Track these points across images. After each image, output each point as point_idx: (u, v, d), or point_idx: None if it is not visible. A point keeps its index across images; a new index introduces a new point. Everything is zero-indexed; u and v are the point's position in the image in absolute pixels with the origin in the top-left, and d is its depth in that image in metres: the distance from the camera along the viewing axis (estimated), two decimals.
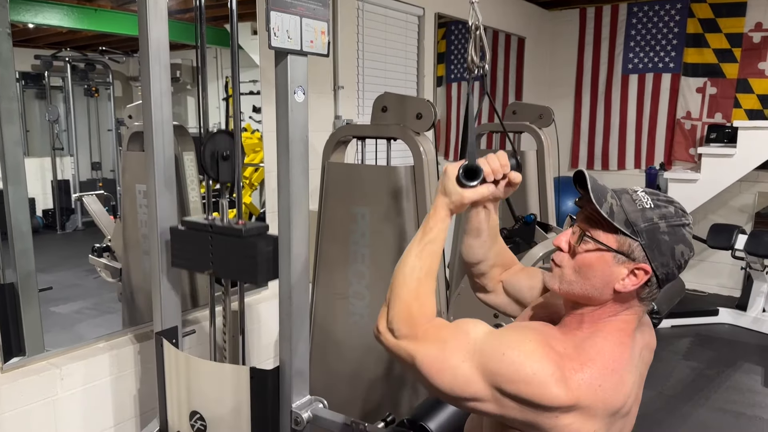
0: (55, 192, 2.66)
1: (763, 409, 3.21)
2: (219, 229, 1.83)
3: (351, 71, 3.50)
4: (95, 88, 2.75)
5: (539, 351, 1.02)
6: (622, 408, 1.05)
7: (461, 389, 1.03)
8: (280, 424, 1.77)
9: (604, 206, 1.04)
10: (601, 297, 1.07)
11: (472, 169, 1.17)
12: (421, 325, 1.11)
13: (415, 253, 1.18)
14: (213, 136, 1.87)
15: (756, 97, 4.83)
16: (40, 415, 2.08)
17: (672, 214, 1.05)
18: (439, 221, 1.19)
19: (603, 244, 1.05)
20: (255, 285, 1.78)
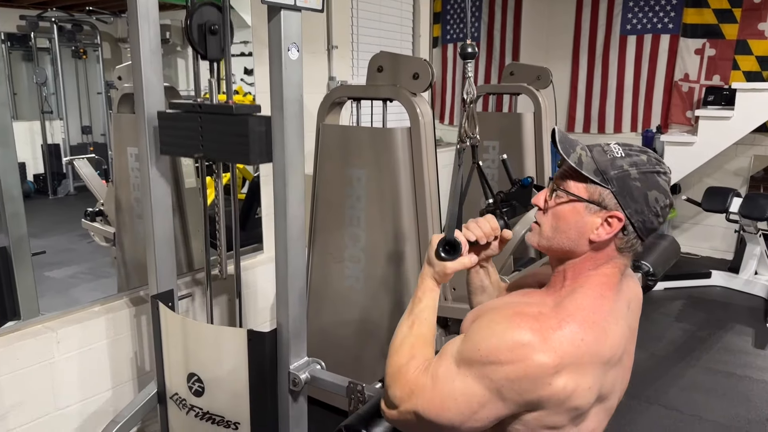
0: (46, 156, 2.62)
1: (753, 369, 3.26)
2: (208, 109, 1.74)
3: (345, 30, 3.43)
4: (83, 49, 2.68)
5: (509, 326, 1.01)
6: (610, 358, 1.05)
7: (467, 406, 1.02)
8: (278, 385, 1.78)
9: (572, 156, 1.05)
10: (578, 249, 1.07)
11: (451, 243, 1.19)
12: (410, 376, 1.10)
13: (407, 325, 1.18)
14: (200, 8, 1.74)
15: (755, 58, 4.77)
16: (38, 378, 2.08)
17: (644, 162, 1.05)
18: (427, 291, 1.20)
19: (574, 195, 1.06)
20: (248, 164, 1.67)
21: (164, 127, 1.84)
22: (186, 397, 1.90)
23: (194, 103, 1.76)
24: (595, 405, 1.08)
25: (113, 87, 2.66)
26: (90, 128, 2.77)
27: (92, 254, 2.75)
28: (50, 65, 2.58)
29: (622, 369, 1.15)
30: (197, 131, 1.75)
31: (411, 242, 2.44)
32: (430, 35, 4.16)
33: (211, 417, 1.85)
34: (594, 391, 1.03)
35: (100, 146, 2.76)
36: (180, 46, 2.83)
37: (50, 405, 2.14)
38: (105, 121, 2.80)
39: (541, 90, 3.60)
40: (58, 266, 2.58)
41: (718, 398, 2.96)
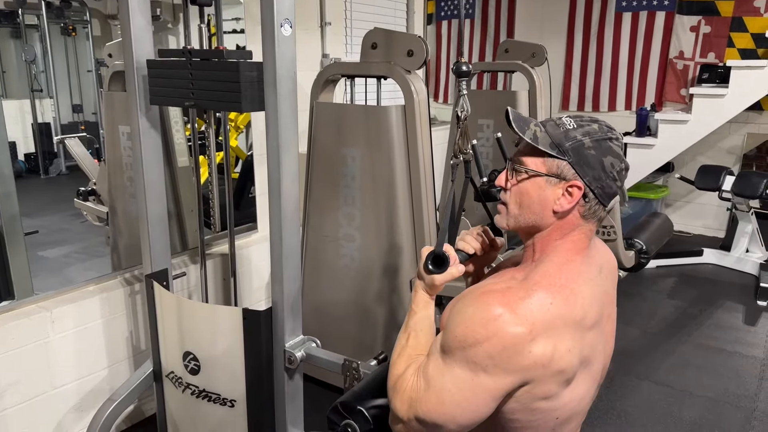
0: (36, 135, 2.60)
1: (742, 345, 3.31)
2: (198, 55, 1.69)
3: (338, 6, 3.39)
4: (72, 26, 2.64)
5: (479, 307, 1.03)
6: (583, 318, 1.07)
7: (464, 397, 1.04)
8: (274, 363, 1.79)
9: (527, 133, 1.08)
10: (543, 221, 1.10)
11: (438, 257, 1.20)
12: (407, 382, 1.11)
13: (405, 338, 1.20)
14: None
15: (750, 36, 4.75)
16: (33, 358, 2.09)
17: (596, 131, 1.08)
18: (420, 302, 1.23)
19: (533, 171, 1.09)
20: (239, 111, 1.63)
21: (153, 76, 1.80)
22: (182, 375, 1.91)
23: (184, 50, 1.72)
24: (581, 370, 1.10)
25: (103, 65, 2.62)
26: (81, 107, 2.75)
27: (85, 233, 2.74)
28: (39, 42, 2.54)
29: (603, 333, 1.17)
30: (187, 79, 1.71)
31: (405, 220, 2.44)
32: (424, 12, 4.12)
33: (207, 395, 1.86)
34: (575, 353, 1.05)
35: (92, 125, 2.73)
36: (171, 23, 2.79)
37: (47, 384, 2.15)
38: (96, 99, 2.77)
39: (536, 68, 3.58)
40: (51, 246, 2.57)
41: (709, 374, 3.00)
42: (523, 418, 1.09)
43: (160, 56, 1.81)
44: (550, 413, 1.09)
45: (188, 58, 1.70)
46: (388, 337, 2.56)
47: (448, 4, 5.41)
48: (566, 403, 1.10)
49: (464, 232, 1.30)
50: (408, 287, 2.48)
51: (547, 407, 1.08)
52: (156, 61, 1.80)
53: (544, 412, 1.09)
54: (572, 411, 1.12)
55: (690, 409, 2.70)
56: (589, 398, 1.18)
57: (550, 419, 1.10)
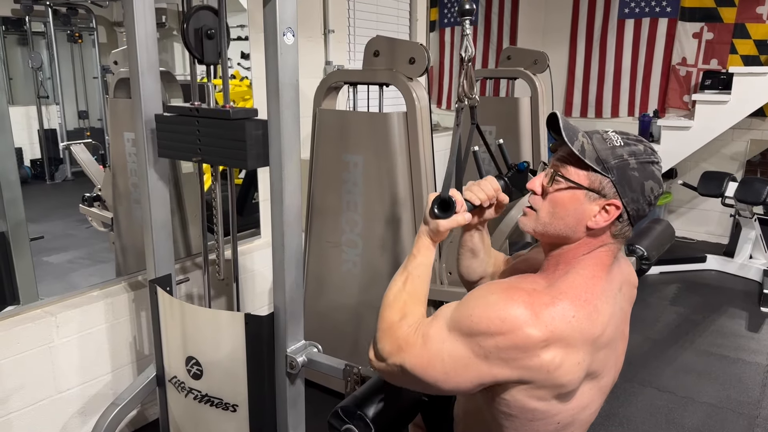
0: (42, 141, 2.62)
1: (746, 352, 3.30)
2: (205, 113, 1.74)
3: (341, 14, 3.41)
4: (78, 33, 2.67)
5: (503, 298, 1.04)
6: (600, 336, 1.07)
7: (452, 368, 1.05)
8: (276, 368, 1.80)
9: (575, 144, 1.06)
10: (574, 235, 1.09)
11: (444, 201, 1.19)
12: (401, 334, 1.12)
13: (401, 280, 1.20)
14: (196, 11, 1.74)
15: (753, 42, 4.76)
16: (37, 362, 2.10)
17: (641, 152, 1.07)
18: (422, 248, 1.22)
19: (574, 182, 1.07)
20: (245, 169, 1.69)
21: (162, 130, 1.85)
22: (185, 380, 1.92)
23: (191, 107, 1.77)
24: (586, 382, 1.10)
25: (109, 71, 2.65)
26: (86, 113, 2.77)
27: (90, 239, 2.76)
28: (45, 49, 2.57)
29: (615, 351, 1.17)
30: (195, 135, 1.76)
31: (407, 227, 2.45)
32: (427, 19, 4.14)
33: (209, 399, 1.88)
34: (583, 366, 1.05)
35: (97, 131, 2.75)
36: (176, 30, 2.81)
37: (51, 388, 2.16)
38: (101, 105, 2.80)
39: (538, 74, 3.60)
40: (56, 251, 2.59)
41: (711, 381, 3.00)
42: (521, 416, 1.10)
43: (168, 111, 1.84)
44: (550, 418, 1.10)
45: (195, 115, 1.75)
46: None
47: (451, 11, 5.44)
48: (568, 410, 1.10)
49: (470, 182, 1.28)
50: None
51: (545, 410, 1.08)
52: (164, 116, 1.84)
53: (544, 417, 1.09)
54: (573, 418, 1.13)
55: (692, 415, 2.70)
56: (594, 408, 1.18)
57: (550, 423, 1.11)
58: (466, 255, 1.39)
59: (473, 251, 1.38)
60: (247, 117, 1.68)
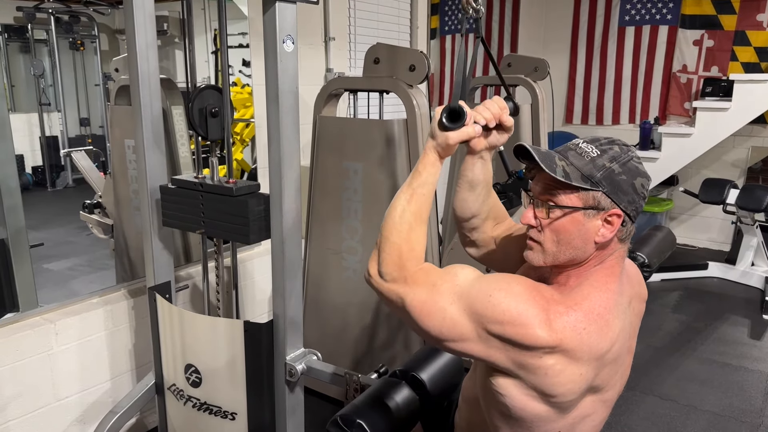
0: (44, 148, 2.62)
1: (748, 359, 3.28)
2: (209, 188, 1.80)
3: (342, 22, 3.42)
4: (80, 41, 2.68)
5: (525, 294, 1.04)
6: (608, 352, 1.07)
7: (449, 331, 1.06)
8: (275, 376, 1.79)
9: (558, 171, 1.04)
10: (584, 254, 1.09)
11: (455, 111, 1.15)
12: (410, 268, 1.12)
13: (405, 197, 1.16)
14: (201, 92, 1.82)
15: (753, 49, 4.76)
16: (36, 370, 2.10)
17: (619, 154, 1.07)
18: (428, 165, 1.17)
19: (570, 207, 1.06)
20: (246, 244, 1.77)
21: (166, 201, 1.91)
22: (183, 387, 1.92)
23: (196, 181, 1.84)
24: (589, 395, 1.10)
25: (111, 79, 2.66)
26: (88, 120, 2.77)
27: (91, 246, 2.76)
28: (48, 57, 2.58)
29: (622, 366, 1.17)
30: (198, 208, 1.82)
31: None
32: (427, 27, 4.15)
33: (208, 407, 1.87)
34: (585, 378, 1.05)
35: (98, 138, 2.76)
36: (178, 37, 2.82)
37: (50, 396, 2.16)
38: (103, 113, 2.80)
39: (539, 82, 3.60)
40: (56, 258, 2.59)
41: (713, 389, 2.98)
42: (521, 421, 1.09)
43: (174, 184, 1.90)
44: (550, 424, 1.09)
45: (199, 190, 1.82)
46: (389, 351, 2.56)
47: (452, 18, 5.46)
48: (568, 419, 1.10)
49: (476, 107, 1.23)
50: None
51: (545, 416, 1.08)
52: (169, 189, 1.90)
53: (544, 423, 1.09)
54: (573, 427, 1.12)
55: (695, 424, 2.68)
56: (598, 421, 1.17)
57: (552, 430, 1.10)
58: (464, 187, 1.33)
59: (471, 183, 1.32)
60: (249, 192, 1.75)
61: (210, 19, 2.90)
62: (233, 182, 1.80)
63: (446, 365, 1.58)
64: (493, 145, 1.27)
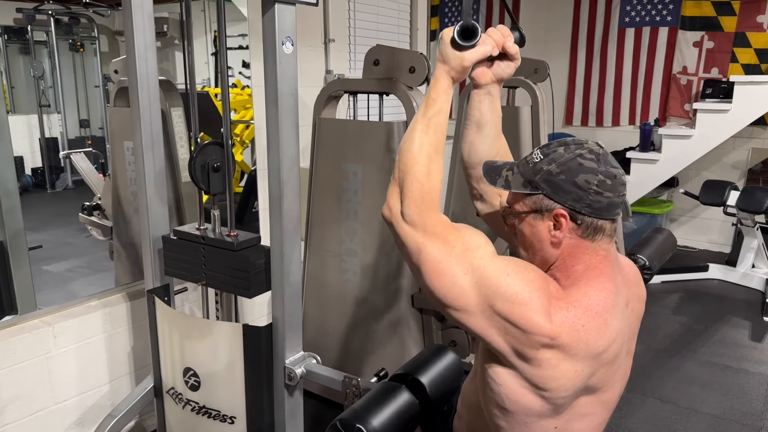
0: (44, 150, 2.62)
1: (749, 362, 3.27)
2: (211, 241, 1.84)
3: (342, 24, 3.41)
4: (80, 42, 2.67)
5: (538, 282, 1.05)
6: (605, 352, 1.07)
7: (454, 298, 1.06)
8: (274, 380, 1.78)
9: (498, 181, 1.12)
10: (548, 255, 1.11)
11: (468, 29, 1.11)
12: (430, 214, 1.11)
13: (421, 128, 1.14)
14: (203, 148, 1.85)
15: (753, 51, 4.76)
16: (35, 373, 2.09)
17: (561, 154, 1.08)
18: (441, 92, 1.15)
19: (519, 212, 1.13)
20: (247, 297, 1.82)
21: (168, 251, 1.94)
22: (182, 391, 1.91)
23: (198, 234, 1.87)
24: (585, 395, 1.10)
25: (110, 80, 2.65)
26: (88, 122, 2.77)
27: (90, 248, 2.75)
28: (47, 58, 2.57)
29: (620, 368, 1.17)
30: (200, 260, 1.87)
31: None
32: (427, 28, 4.15)
33: (207, 411, 1.86)
34: (580, 376, 1.05)
35: (98, 140, 2.76)
36: (178, 39, 2.82)
37: (48, 399, 2.15)
38: (103, 114, 2.80)
39: (539, 83, 3.59)
40: (55, 260, 2.58)
41: (714, 391, 2.97)
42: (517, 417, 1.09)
43: (176, 236, 1.94)
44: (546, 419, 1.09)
45: (201, 243, 1.86)
46: (390, 354, 2.55)
47: (451, 20, 5.45)
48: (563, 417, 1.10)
49: None
50: (410, 303, 2.47)
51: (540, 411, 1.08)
52: (171, 240, 1.94)
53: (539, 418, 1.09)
54: (569, 425, 1.12)
55: (695, 426, 2.67)
56: (596, 422, 1.18)
57: (549, 428, 1.11)
58: (471, 128, 1.30)
59: (478, 124, 1.29)
60: (250, 246, 1.79)
61: (210, 21, 2.89)
62: (234, 235, 1.84)
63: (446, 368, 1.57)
64: (500, 77, 1.25)
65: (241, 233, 1.85)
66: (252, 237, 1.82)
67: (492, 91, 1.25)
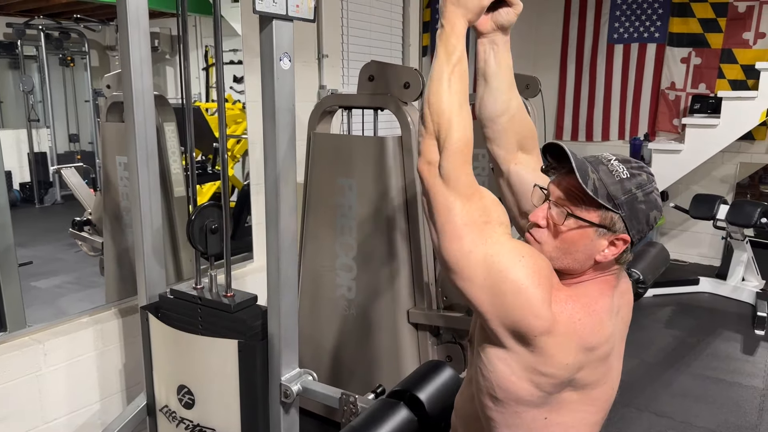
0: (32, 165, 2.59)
1: (742, 375, 3.28)
2: (207, 302, 1.85)
3: (335, 39, 3.43)
4: (71, 57, 2.66)
5: (546, 271, 1.06)
6: (597, 349, 1.08)
7: (465, 265, 1.04)
8: (270, 397, 1.76)
9: (589, 184, 1.03)
10: (582, 268, 1.11)
11: None
12: (466, 168, 1.07)
13: (448, 76, 1.09)
14: (202, 210, 1.86)
15: (740, 67, 4.83)
16: (25, 391, 2.05)
17: (646, 182, 1.07)
18: (461, 37, 1.11)
19: (586, 221, 1.06)
20: None
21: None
22: (176, 409, 1.88)
23: (194, 293, 1.89)
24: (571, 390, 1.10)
25: (101, 95, 2.64)
26: (77, 136, 2.75)
27: (79, 263, 2.72)
28: (37, 73, 2.55)
29: (612, 369, 1.17)
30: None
31: (403, 251, 2.43)
32: (419, 44, 4.17)
33: (201, 430, 1.83)
34: (570, 367, 1.05)
35: (88, 154, 2.73)
36: (169, 53, 2.81)
37: (38, 418, 2.10)
38: (93, 129, 2.78)
39: (530, 99, 3.62)
40: (44, 276, 2.54)
41: (708, 405, 2.97)
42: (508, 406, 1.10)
43: (173, 295, 1.94)
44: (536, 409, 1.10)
45: (198, 303, 1.88)
46: (385, 369, 2.53)
47: None
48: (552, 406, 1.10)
49: None
50: (406, 319, 2.46)
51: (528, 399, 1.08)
52: (168, 299, 1.94)
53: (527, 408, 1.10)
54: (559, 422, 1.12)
55: None
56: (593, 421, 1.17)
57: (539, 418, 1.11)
58: (480, 83, 1.26)
59: (485, 76, 1.25)
60: (247, 307, 1.81)
61: (201, 36, 2.89)
62: (231, 296, 1.84)
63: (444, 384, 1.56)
64: (500, 25, 1.22)
65: (238, 293, 1.86)
66: (249, 297, 1.83)
67: (496, 40, 1.23)
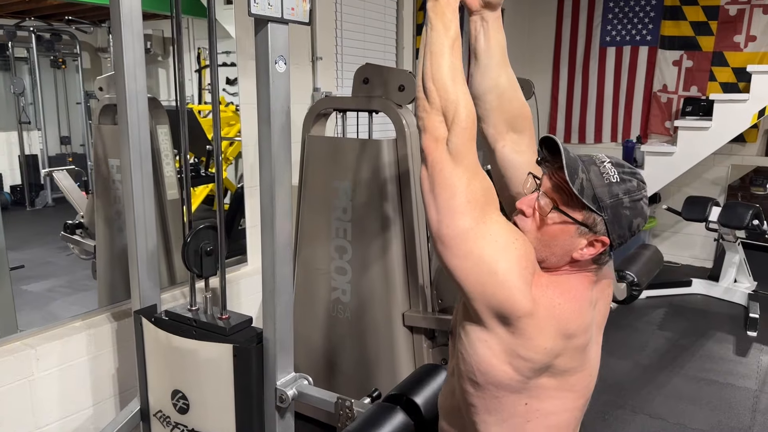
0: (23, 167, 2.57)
1: (735, 376, 3.30)
2: (202, 325, 1.85)
3: (329, 42, 3.42)
4: (62, 59, 2.64)
5: (532, 256, 1.08)
6: (575, 337, 1.09)
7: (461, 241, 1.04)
8: (265, 402, 1.75)
9: (576, 183, 1.05)
10: (558, 264, 1.12)
11: None
12: (473, 145, 1.09)
13: (448, 50, 1.10)
14: (197, 232, 1.85)
15: (731, 70, 4.86)
16: (16, 397, 2.03)
17: (634, 189, 1.08)
18: (455, 12, 1.13)
19: (570, 218, 1.08)
20: None
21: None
22: (170, 414, 1.86)
23: (189, 315, 1.89)
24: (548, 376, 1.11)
25: (93, 97, 2.62)
26: (69, 139, 2.72)
27: (71, 267, 2.69)
28: (28, 75, 2.53)
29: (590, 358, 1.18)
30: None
31: (397, 255, 2.43)
32: (413, 46, 4.17)
33: None
34: (549, 353, 1.07)
35: (80, 157, 2.71)
36: (161, 56, 2.80)
37: (30, 423, 2.08)
38: (84, 131, 2.76)
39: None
40: (36, 280, 2.52)
41: (702, 406, 2.99)
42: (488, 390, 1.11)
43: (167, 317, 1.94)
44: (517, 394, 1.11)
45: (193, 326, 1.87)
46: (382, 373, 2.52)
47: None
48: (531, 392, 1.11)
49: None
50: (401, 322, 2.45)
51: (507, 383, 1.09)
52: (163, 320, 1.94)
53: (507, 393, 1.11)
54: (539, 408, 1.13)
55: None
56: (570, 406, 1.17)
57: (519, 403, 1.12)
58: (471, 61, 1.27)
59: (475, 53, 1.26)
60: (242, 329, 1.80)
61: (194, 38, 2.88)
62: (226, 318, 1.84)
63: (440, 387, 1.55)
64: (489, 3, 1.24)
65: (233, 315, 1.85)
66: (244, 319, 1.82)
67: (486, 16, 1.24)
